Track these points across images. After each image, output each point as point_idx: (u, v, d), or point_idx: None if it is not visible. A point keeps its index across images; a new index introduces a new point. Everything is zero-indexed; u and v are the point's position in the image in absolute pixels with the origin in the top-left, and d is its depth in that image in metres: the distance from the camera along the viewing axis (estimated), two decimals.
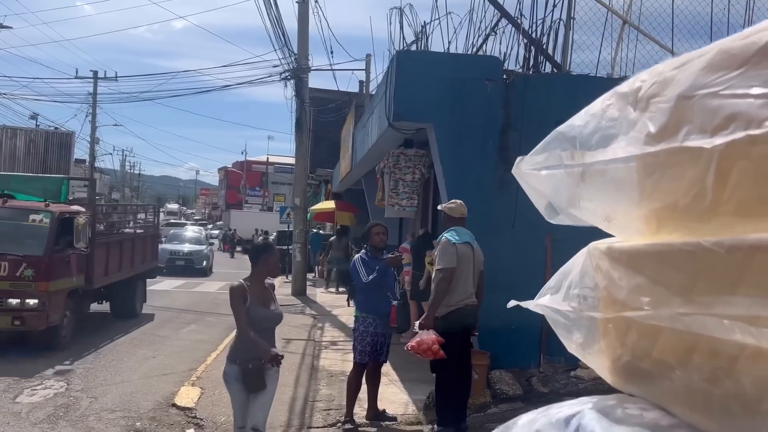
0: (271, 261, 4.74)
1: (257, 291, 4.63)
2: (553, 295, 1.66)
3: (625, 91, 1.46)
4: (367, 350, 6.28)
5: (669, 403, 1.37)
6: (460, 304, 5.72)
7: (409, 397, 7.37)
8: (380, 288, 6.28)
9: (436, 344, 5.42)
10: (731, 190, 1.15)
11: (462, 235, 5.81)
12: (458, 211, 6.01)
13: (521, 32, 8.68)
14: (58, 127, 39.33)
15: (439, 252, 5.75)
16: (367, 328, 6.28)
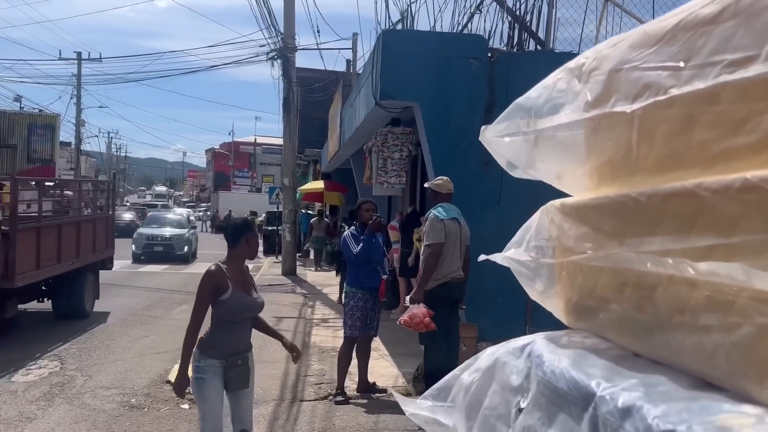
0: (252, 241, 4.09)
1: (237, 276, 3.99)
2: (516, 249, 1.83)
3: (572, 66, 1.64)
4: (357, 324, 6.42)
5: (606, 332, 1.57)
6: (447, 277, 5.84)
7: (398, 370, 7.53)
8: (369, 262, 6.39)
9: (427, 317, 5.54)
10: (649, 147, 1.35)
11: (449, 211, 5.92)
12: (445, 188, 6.10)
13: (505, 10, 8.76)
14: (42, 110, 39.04)
15: (428, 228, 5.86)
16: (357, 302, 6.41)
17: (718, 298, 1.22)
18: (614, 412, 1.23)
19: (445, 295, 5.86)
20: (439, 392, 1.71)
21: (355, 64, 22.40)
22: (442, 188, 6.11)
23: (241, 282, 4.03)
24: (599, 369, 1.38)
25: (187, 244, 22.38)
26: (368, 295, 6.44)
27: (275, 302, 13.05)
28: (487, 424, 1.52)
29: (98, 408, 6.16)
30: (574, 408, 1.34)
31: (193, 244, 23.13)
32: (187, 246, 22.29)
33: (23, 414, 5.93)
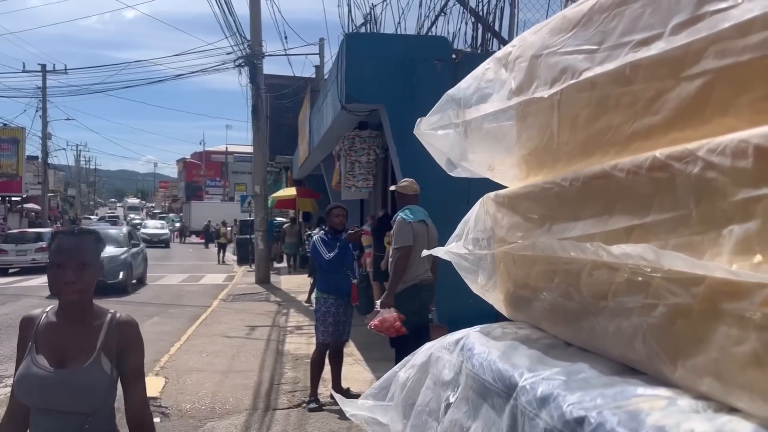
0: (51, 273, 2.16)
1: (56, 330, 2.20)
2: (457, 242, 1.83)
3: (500, 56, 1.64)
4: (329, 330, 6.38)
5: (540, 321, 1.57)
6: (416, 279, 5.82)
7: (372, 374, 7.50)
8: (340, 266, 6.37)
9: (397, 321, 5.52)
10: (569, 133, 1.35)
11: (416, 213, 5.89)
12: (411, 189, 6.08)
13: (468, 11, 8.82)
14: (7, 124, 38.40)
15: (396, 231, 5.82)
16: (329, 308, 6.37)
17: (636, 281, 1.23)
18: (533, 401, 1.23)
19: (414, 296, 5.84)
20: (379, 391, 1.70)
21: (322, 68, 22.40)
22: (408, 190, 6.08)
23: (57, 340, 2.18)
24: (526, 359, 1.38)
25: (123, 268, 16.21)
26: (339, 300, 6.41)
27: (249, 311, 12.95)
28: (419, 420, 1.51)
29: None
30: (497, 400, 1.34)
31: (135, 268, 17.32)
32: (123, 271, 16.13)
33: None
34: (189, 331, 10.78)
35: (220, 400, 6.67)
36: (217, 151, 67.81)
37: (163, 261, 28.98)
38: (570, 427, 1.10)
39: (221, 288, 17.65)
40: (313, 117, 14.01)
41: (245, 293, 15.98)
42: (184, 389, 7.06)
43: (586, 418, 1.09)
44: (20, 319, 2.27)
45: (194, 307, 14.06)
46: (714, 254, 1.07)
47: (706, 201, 1.09)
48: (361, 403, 1.72)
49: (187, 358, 8.65)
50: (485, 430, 1.32)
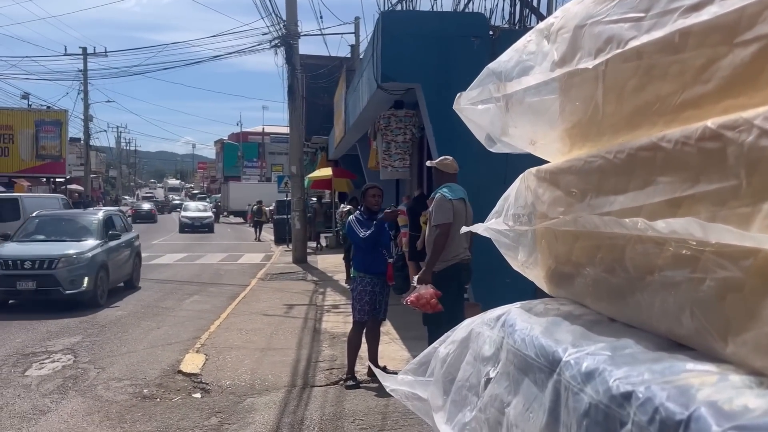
0: None
1: None
2: (497, 219, 1.80)
3: (542, 27, 1.60)
4: (365, 309, 6.42)
5: (583, 298, 1.54)
6: (456, 258, 5.79)
7: (409, 353, 7.53)
8: (376, 246, 6.38)
9: (434, 298, 5.47)
10: (614, 104, 1.30)
11: (456, 191, 5.83)
12: (451, 167, 6.00)
13: None
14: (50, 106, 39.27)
15: (435, 208, 5.77)
16: (365, 287, 6.41)
17: (683, 255, 1.20)
18: (577, 376, 1.21)
19: (453, 276, 5.81)
20: (419, 366, 1.69)
21: (358, 48, 22.32)
22: (449, 168, 6.00)
23: None
24: (569, 335, 1.36)
25: (88, 271, 11.34)
26: (376, 279, 6.43)
27: (286, 290, 13.11)
28: (459, 395, 1.50)
29: (111, 399, 6.21)
30: (539, 375, 1.32)
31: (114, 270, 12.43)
32: (88, 276, 11.27)
33: (37, 407, 5.99)
34: (228, 309, 10.97)
35: (259, 376, 6.78)
36: (254, 132, 68.39)
37: (203, 240, 29.47)
38: (616, 402, 1.08)
39: (259, 267, 17.88)
40: (349, 97, 13.99)
41: (283, 272, 16.16)
42: (224, 366, 7.20)
43: (634, 393, 1.07)
44: None
45: (233, 285, 14.29)
46: (765, 226, 1.03)
47: (760, 171, 1.05)
48: (400, 378, 1.72)
49: (226, 335, 8.81)
50: (526, 405, 1.31)
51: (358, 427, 5.28)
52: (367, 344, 6.66)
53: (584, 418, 1.14)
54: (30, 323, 9.85)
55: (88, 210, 15.27)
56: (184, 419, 5.60)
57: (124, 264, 13.24)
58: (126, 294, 12.99)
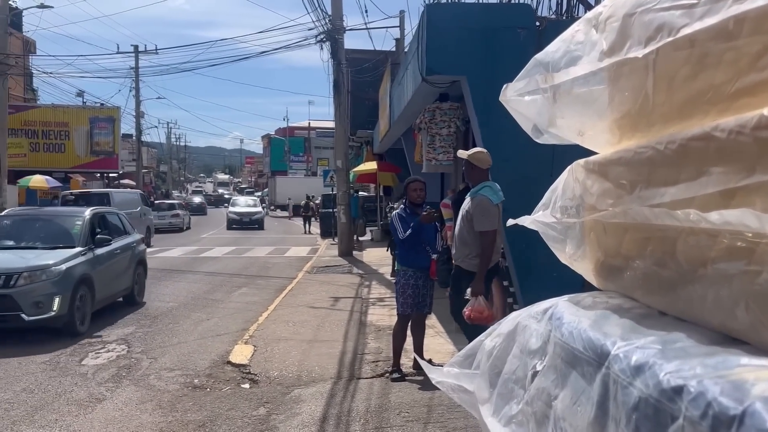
0: None
1: None
2: (544, 211, 1.78)
3: (590, 17, 1.56)
4: (408, 302, 6.43)
5: (632, 291, 1.51)
6: (494, 261, 5.71)
7: (454, 347, 7.52)
8: (418, 242, 6.35)
9: (490, 310, 5.40)
10: (665, 94, 1.27)
11: (497, 193, 5.66)
12: (485, 161, 5.75)
13: None
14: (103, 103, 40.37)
15: (481, 212, 5.52)
16: (408, 280, 6.41)
17: (737, 247, 1.16)
18: (626, 369, 1.19)
19: (488, 279, 5.69)
20: (465, 359, 1.69)
21: (402, 41, 22.28)
22: (483, 162, 5.73)
23: None
24: (618, 328, 1.34)
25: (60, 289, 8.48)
26: (419, 273, 6.41)
27: (332, 283, 13.22)
28: (506, 388, 1.49)
29: (163, 389, 6.37)
30: (587, 368, 1.30)
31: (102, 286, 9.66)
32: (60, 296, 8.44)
33: (93, 395, 6.19)
34: (276, 301, 11.13)
35: (306, 368, 6.87)
36: (300, 126, 69.01)
37: (251, 234, 29.93)
38: (667, 396, 1.06)
39: (306, 260, 18.08)
40: (394, 91, 13.98)
41: (329, 266, 16.31)
42: (272, 357, 7.31)
43: (685, 387, 1.04)
44: None
45: (280, 278, 14.48)
46: None
47: None
48: (446, 370, 1.72)
49: (274, 327, 8.94)
50: (574, 398, 1.30)
51: (404, 419, 5.30)
52: (412, 337, 6.68)
53: (633, 411, 1.12)
54: None
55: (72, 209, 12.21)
56: (233, 409, 5.71)
57: (121, 275, 10.51)
58: (177, 285, 13.28)
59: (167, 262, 18.22)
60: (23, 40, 36.80)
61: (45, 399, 6.07)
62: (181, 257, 19.72)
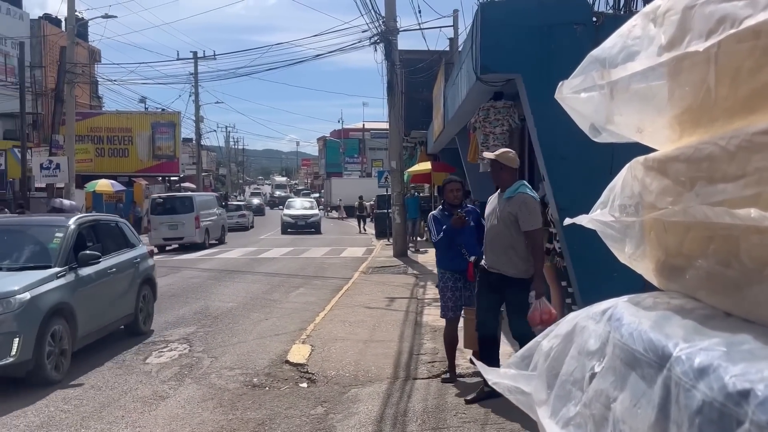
0: None
1: None
2: (602, 210, 1.74)
3: (648, 11, 1.52)
4: (449, 305, 6.31)
5: (695, 291, 1.46)
6: None
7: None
8: (453, 244, 6.18)
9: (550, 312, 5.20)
10: (728, 88, 1.22)
11: (533, 191, 5.57)
12: (515, 161, 5.61)
13: None
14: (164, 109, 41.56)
15: (528, 210, 5.36)
16: (446, 283, 6.30)
17: None
18: (689, 372, 1.15)
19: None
20: (522, 360, 1.66)
21: (456, 40, 22.17)
22: (512, 162, 5.56)
23: None
24: (680, 329, 1.29)
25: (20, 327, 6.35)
26: (457, 275, 6.26)
27: (388, 283, 13.26)
28: (563, 390, 1.47)
29: (223, 387, 6.51)
30: (648, 370, 1.26)
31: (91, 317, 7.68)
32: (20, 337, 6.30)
33: (156, 393, 6.37)
34: (332, 301, 11.23)
35: (362, 368, 6.91)
36: (354, 128, 69.51)
37: (307, 235, 30.29)
38: (733, 400, 1.02)
39: (361, 261, 18.19)
40: (448, 90, 13.92)
41: (384, 266, 16.37)
42: (329, 357, 7.38)
43: (752, 391, 1.00)
44: None
45: (336, 278, 14.61)
46: None
47: None
48: (503, 371, 1.70)
49: (330, 327, 9.02)
50: (634, 401, 1.27)
51: (461, 420, 5.28)
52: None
53: (697, 415, 1.08)
54: None
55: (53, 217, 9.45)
56: (291, 408, 5.79)
57: (118, 300, 8.43)
58: (237, 286, 13.56)
59: (228, 263, 18.62)
60: (89, 49, 38.22)
61: (112, 396, 6.29)
62: (241, 258, 20.12)
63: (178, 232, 23.16)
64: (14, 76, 30.36)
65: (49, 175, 24.17)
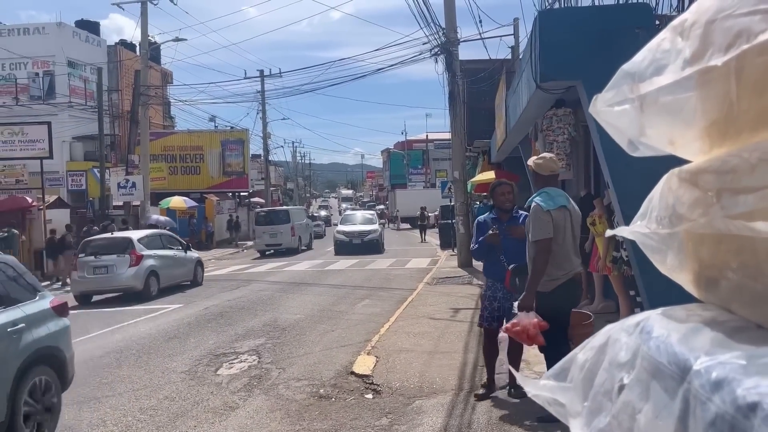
0: None
1: None
2: (641, 221, 1.75)
3: (676, 24, 1.53)
4: (484, 314, 6.18)
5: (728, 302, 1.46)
6: (567, 275, 5.16)
7: None
8: (492, 253, 6.03)
9: (535, 328, 4.87)
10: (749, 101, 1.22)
11: (555, 198, 5.12)
12: (547, 168, 5.29)
13: None
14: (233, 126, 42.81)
15: (532, 221, 5.09)
16: (486, 291, 6.25)
17: None
18: (706, 385, 1.16)
19: (567, 295, 5.19)
20: (560, 372, 1.68)
21: (517, 48, 21.98)
22: (544, 169, 5.27)
23: None
24: (706, 342, 1.29)
25: None
26: (498, 285, 6.06)
27: (452, 294, 13.23)
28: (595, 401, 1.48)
29: (290, 398, 6.67)
30: (671, 382, 1.27)
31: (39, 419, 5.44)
32: None
33: (227, 404, 6.58)
34: (397, 312, 11.29)
35: (427, 379, 6.93)
36: (417, 139, 69.68)
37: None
38: (742, 412, 1.03)
39: (426, 272, 18.21)
40: (510, 99, 13.86)
41: (448, 276, 16.33)
42: (394, 368, 7.44)
43: (760, 404, 1.01)
44: None
45: (401, 290, 14.69)
46: None
47: None
48: (543, 384, 1.73)
49: (395, 338, 9.09)
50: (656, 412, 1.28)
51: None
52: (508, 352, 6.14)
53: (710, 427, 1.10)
54: (220, 327, 10.83)
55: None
56: (357, 419, 5.87)
57: None
58: (304, 298, 13.81)
59: (296, 275, 18.98)
60: (161, 72, 39.81)
61: (184, 406, 6.54)
62: (308, 270, 20.48)
63: (277, 240, 28.40)
64: (93, 99, 31.96)
65: (126, 193, 25.27)
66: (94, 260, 15.01)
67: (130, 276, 14.86)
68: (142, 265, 15.00)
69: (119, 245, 15.38)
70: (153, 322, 11.80)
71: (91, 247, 15.56)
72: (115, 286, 15.10)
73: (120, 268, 14.90)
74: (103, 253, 15.15)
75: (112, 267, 14.93)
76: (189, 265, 17.26)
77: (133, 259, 14.91)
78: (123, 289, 15.07)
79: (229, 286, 16.88)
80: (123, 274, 14.86)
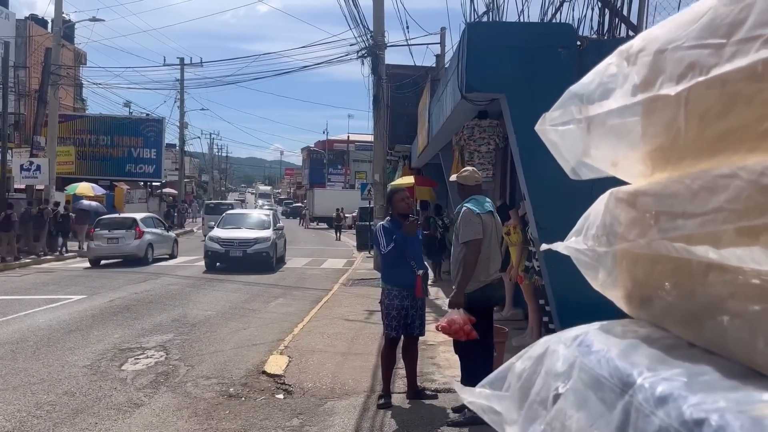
0: None
1: None
2: (576, 237, 1.81)
3: (623, 49, 1.59)
4: (393, 324, 6.04)
5: (662, 320, 1.53)
6: (490, 278, 5.46)
7: None
8: (403, 257, 5.96)
9: (468, 324, 5.18)
10: (696, 130, 1.29)
11: (483, 203, 5.50)
12: (472, 179, 5.66)
13: None
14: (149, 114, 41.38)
15: (463, 223, 5.39)
16: (392, 300, 6.00)
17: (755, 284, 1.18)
18: (650, 399, 1.21)
19: (489, 297, 5.54)
20: (496, 380, 1.71)
21: (443, 58, 22.35)
22: (469, 180, 5.65)
23: None
24: (646, 358, 1.36)
25: None
26: (405, 293, 5.98)
27: (367, 296, 13.25)
28: (531, 410, 1.52)
29: (199, 396, 6.49)
30: (610, 395, 1.33)
31: None
32: None
33: (131, 400, 6.34)
34: (311, 313, 11.22)
35: (339, 380, 6.91)
36: (339, 140, 69.61)
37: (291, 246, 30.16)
38: (688, 428, 1.09)
39: (341, 272, 18.19)
40: (433, 106, 14.05)
41: (364, 278, 16.36)
42: (306, 368, 7.37)
43: (706, 421, 1.07)
44: None
45: (316, 290, 14.60)
46: None
47: None
48: (478, 391, 1.75)
49: (309, 338, 9.01)
50: (590, 421, 1.33)
51: None
52: (404, 363, 6.33)
53: None
54: (126, 321, 10.42)
55: None
56: (267, 419, 5.78)
57: None
58: (216, 294, 13.45)
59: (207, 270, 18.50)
60: (75, 52, 37.97)
61: (85, 402, 6.25)
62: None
63: None
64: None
65: (30, 176, 23.93)
66: (108, 233, 19.95)
67: (135, 246, 20.02)
68: (144, 239, 20.25)
69: (126, 223, 20.53)
70: (53, 313, 11.22)
71: (104, 224, 20.44)
72: (124, 253, 19.99)
73: (127, 239, 19.99)
74: (114, 228, 20.14)
75: (123, 239, 19.98)
76: (170, 241, 22.73)
77: (137, 233, 20.10)
78: (129, 256, 19.88)
79: (136, 278, 16.29)
80: (130, 244, 19.97)
